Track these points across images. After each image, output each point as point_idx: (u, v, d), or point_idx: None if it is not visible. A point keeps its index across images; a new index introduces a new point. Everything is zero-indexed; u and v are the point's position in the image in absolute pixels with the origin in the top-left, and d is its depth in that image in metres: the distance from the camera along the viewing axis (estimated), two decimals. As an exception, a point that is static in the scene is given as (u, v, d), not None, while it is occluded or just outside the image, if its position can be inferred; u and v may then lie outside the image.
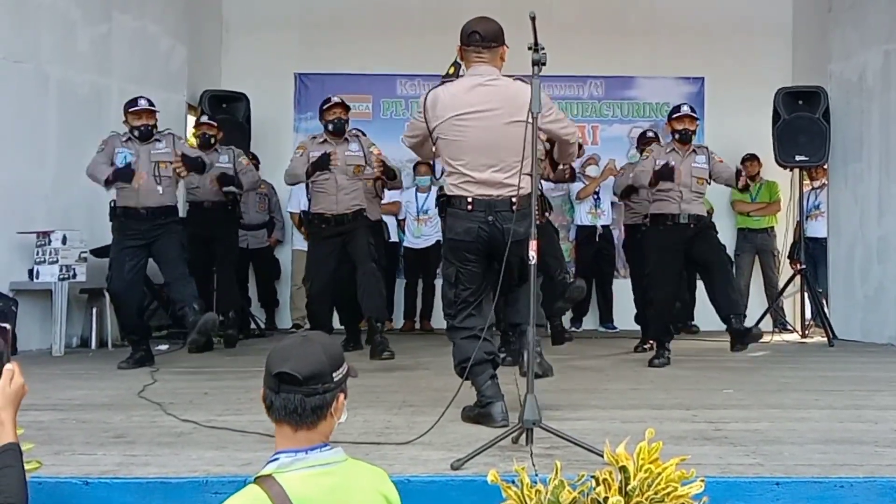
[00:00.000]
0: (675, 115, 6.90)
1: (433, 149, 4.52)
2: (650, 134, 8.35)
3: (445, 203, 4.45)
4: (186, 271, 6.50)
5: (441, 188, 4.66)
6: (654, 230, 6.88)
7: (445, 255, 4.51)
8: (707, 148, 6.98)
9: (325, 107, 7.00)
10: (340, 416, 2.31)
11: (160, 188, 6.46)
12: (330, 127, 6.87)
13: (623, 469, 2.70)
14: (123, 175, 6.39)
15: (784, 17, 10.51)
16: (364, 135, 7.26)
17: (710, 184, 6.92)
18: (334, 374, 2.26)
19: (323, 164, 6.69)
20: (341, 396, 2.29)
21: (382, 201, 8.40)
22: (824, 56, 9.60)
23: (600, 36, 10.24)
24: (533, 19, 3.74)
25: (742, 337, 6.38)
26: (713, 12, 10.35)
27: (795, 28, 10.48)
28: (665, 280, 6.84)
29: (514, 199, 4.25)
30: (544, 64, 3.84)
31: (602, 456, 2.96)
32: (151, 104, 6.52)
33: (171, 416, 4.46)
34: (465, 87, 4.36)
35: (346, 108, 6.99)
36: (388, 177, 7.06)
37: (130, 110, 6.49)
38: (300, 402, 2.20)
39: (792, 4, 10.52)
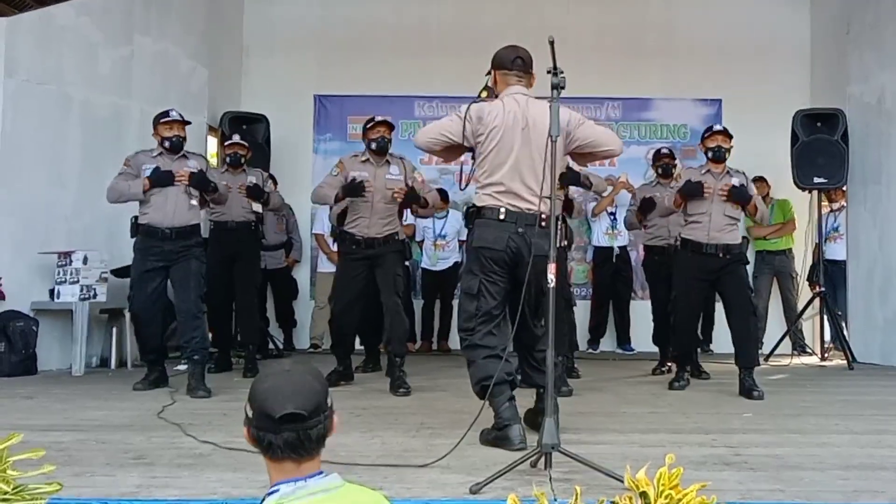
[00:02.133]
0: (707, 135, 6.75)
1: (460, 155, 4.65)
2: (664, 151, 8.24)
3: (475, 213, 4.51)
4: (199, 310, 6.37)
5: (472, 204, 4.65)
6: (683, 255, 6.70)
7: (470, 266, 4.55)
8: (745, 174, 6.73)
9: (368, 125, 6.76)
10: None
11: (190, 202, 6.41)
12: (373, 146, 6.65)
13: (643, 495, 2.69)
14: (162, 178, 6.25)
15: (802, 39, 10.51)
16: (405, 158, 6.97)
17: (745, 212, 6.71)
18: (328, 400, 2.22)
19: (355, 192, 6.51)
20: (335, 417, 2.25)
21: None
22: (843, 78, 9.59)
23: (617, 58, 10.27)
24: (552, 44, 3.77)
25: (746, 395, 6.28)
26: (731, 34, 10.36)
27: (814, 50, 10.47)
28: (689, 306, 6.74)
29: (543, 216, 4.31)
30: (563, 87, 3.86)
31: (622, 481, 2.95)
32: (182, 116, 6.53)
33: (190, 437, 4.47)
34: (510, 104, 4.50)
35: (391, 128, 6.77)
36: (419, 205, 6.85)
37: (162, 121, 6.42)
38: (305, 437, 2.15)
39: (810, 27, 10.53)
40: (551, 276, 3.73)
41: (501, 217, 4.41)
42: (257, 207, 7.77)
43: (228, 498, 3.23)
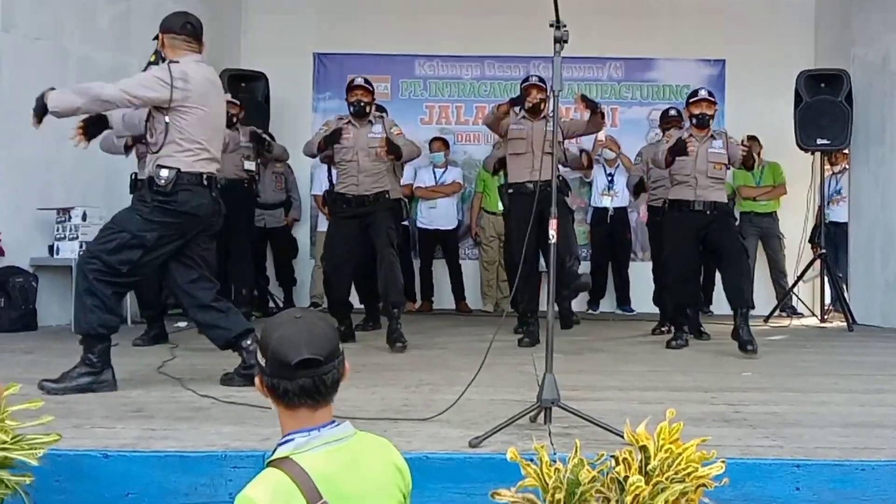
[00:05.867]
0: (692, 100, 6.81)
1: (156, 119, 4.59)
2: (673, 112, 8.15)
3: (175, 178, 4.52)
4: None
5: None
6: (672, 215, 6.86)
7: (161, 219, 4.54)
8: (725, 133, 6.91)
9: (348, 87, 6.93)
10: None
11: None
12: (351, 109, 6.80)
13: (643, 449, 2.68)
14: None
15: (807, -1, 10.41)
16: (386, 115, 7.12)
17: (728, 168, 6.85)
18: (339, 345, 2.22)
19: (332, 139, 6.65)
20: (347, 363, 2.25)
21: (402, 181, 8.31)
22: (847, 39, 9.51)
23: (620, 17, 10.17)
24: (555, -4, 3.71)
25: (742, 347, 6.29)
26: (736, -6, 10.26)
27: (818, 10, 10.38)
28: (681, 264, 6.80)
29: (219, 179, 4.80)
30: (566, 41, 3.80)
31: (621, 436, 2.94)
32: None
33: (189, 391, 4.48)
34: (202, 69, 4.67)
35: (369, 91, 6.84)
36: (395, 156, 6.83)
37: None
38: (320, 382, 2.14)
39: (815, -14, 10.42)
40: (553, 232, 3.71)
41: (206, 183, 4.63)
42: (250, 165, 7.75)
43: (227, 450, 3.23)
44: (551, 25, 3.83)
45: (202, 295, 4.73)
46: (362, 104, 6.76)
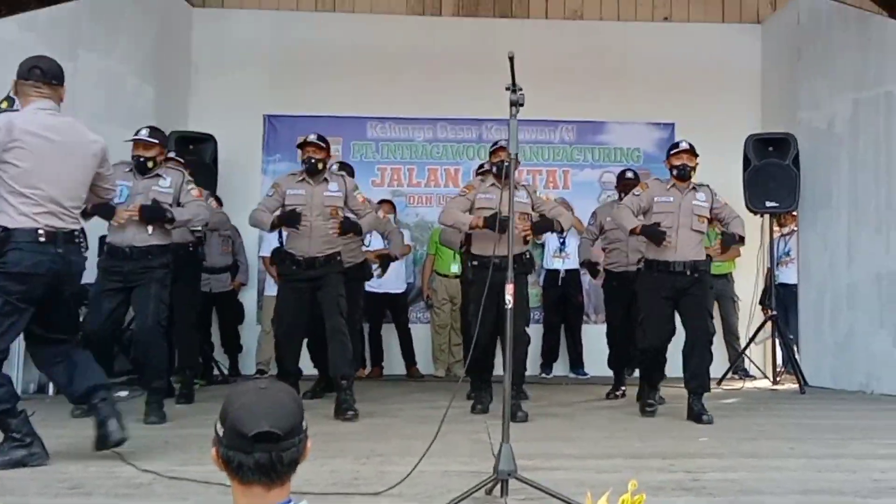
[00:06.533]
0: (673, 152, 6.69)
1: None
2: (629, 175, 8.09)
3: (2, 237, 4.23)
4: (157, 334, 6.10)
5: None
6: (648, 275, 6.62)
7: None
8: (709, 187, 6.76)
9: (300, 144, 6.67)
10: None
11: (150, 228, 6.15)
12: (303, 166, 6.59)
13: (605, 523, 2.58)
14: (104, 212, 5.92)
15: (754, 65, 10.62)
16: (347, 175, 6.91)
17: (710, 221, 6.74)
18: (303, 422, 2.12)
19: (291, 222, 6.41)
20: (309, 442, 2.14)
21: (365, 246, 8.15)
22: (794, 104, 9.67)
23: (572, 81, 10.25)
24: (511, 59, 3.69)
25: (696, 419, 6.23)
26: (684, 59, 10.43)
27: (764, 75, 10.58)
28: (657, 326, 6.55)
29: (76, 232, 4.45)
30: (522, 104, 3.78)
31: (581, 509, 2.84)
32: (153, 134, 6.29)
33: (130, 465, 4.30)
34: (40, 116, 4.41)
35: (322, 148, 6.58)
36: (356, 232, 6.71)
37: (133, 139, 6.29)
38: (277, 459, 2.04)
39: (761, 53, 10.63)
40: (509, 297, 3.63)
41: (42, 239, 4.30)
42: (198, 230, 7.58)
43: (168, 530, 3.07)
44: (507, 89, 3.82)
45: (48, 352, 4.60)
46: (313, 161, 6.52)
